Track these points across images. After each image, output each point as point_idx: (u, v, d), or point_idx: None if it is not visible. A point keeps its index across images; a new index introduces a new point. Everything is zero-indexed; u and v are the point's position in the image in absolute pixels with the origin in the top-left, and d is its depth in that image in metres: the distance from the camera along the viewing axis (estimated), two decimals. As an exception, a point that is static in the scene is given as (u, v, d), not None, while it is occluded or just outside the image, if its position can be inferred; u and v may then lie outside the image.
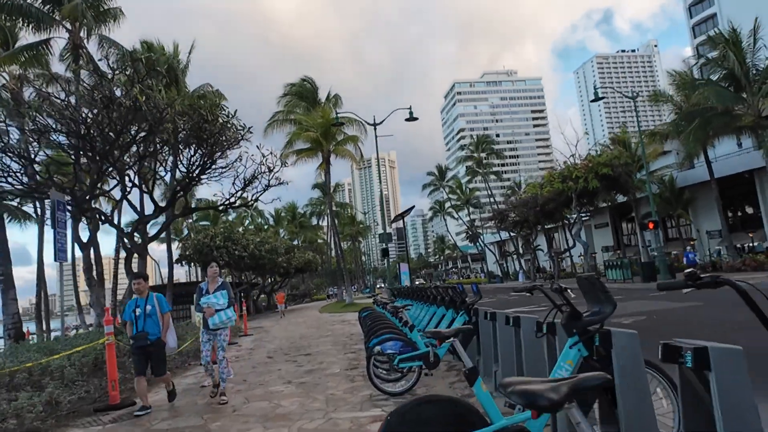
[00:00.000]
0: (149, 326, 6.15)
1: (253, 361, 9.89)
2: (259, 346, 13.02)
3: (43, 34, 19.46)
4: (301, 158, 33.72)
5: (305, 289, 74.93)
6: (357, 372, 7.45)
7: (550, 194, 34.86)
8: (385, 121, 27.62)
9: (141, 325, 6.14)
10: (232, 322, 6.65)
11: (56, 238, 9.82)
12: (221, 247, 31.35)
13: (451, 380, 6.18)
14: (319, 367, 8.28)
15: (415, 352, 5.71)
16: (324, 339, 12.97)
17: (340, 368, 7.96)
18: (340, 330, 15.23)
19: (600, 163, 31.25)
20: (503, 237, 65.04)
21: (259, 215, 70.88)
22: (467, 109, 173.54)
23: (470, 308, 5.88)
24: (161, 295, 6.58)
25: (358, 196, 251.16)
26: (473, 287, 5.96)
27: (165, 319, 6.31)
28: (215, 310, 6.43)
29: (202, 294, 6.62)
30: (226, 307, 6.50)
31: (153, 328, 6.16)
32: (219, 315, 6.44)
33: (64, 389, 6.48)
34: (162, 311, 6.30)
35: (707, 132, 26.27)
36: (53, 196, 9.87)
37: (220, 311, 6.48)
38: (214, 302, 6.49)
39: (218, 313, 6.44)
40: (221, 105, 12.91)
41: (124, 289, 14.80)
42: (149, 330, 6.13)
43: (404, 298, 12.13)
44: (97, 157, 12.34)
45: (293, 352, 10.91)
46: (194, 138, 12.31)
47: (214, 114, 11.51)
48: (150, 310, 6.20)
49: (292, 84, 35.81)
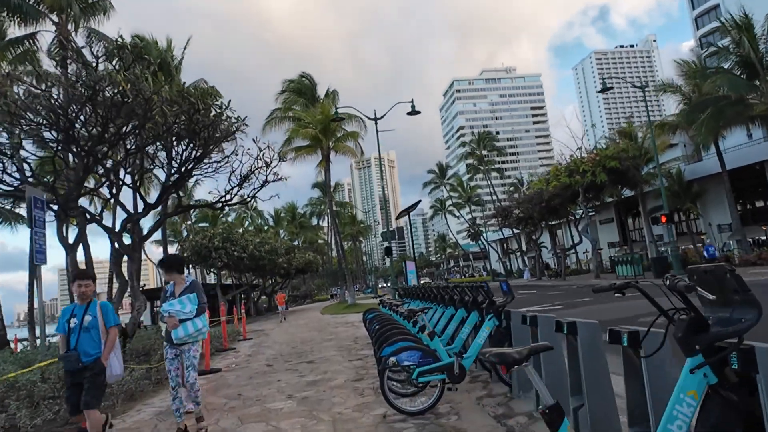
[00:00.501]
0: (85, 344, 4.52)
1: (250, 370, 9.04)
2: (258, 352, 12.18)
3: (30, 27, 18.68)
4: (300, 155, 32.88)
5: (306, 290, 74.08)
6: (366, 383, 6.59)
7: (555, 189, 34.00)
8: (386, 116, 26.78)
9: (74, 341, 4.52)
10: (202, 335, 5.16)
11: (33, 239, 8.98)
12: (220, 248, 30.48)
13: (477, 394, 5.32)
14: (323, 377, 7.43)
15: (437, 364, 4.87)
16: (327, 343, 12.12)
17: (346, 378, 7.11)
18: (344, 333, 14.39)
19: (607, 156, 30.39)
20: (506, 235, 64.20)
21: (259, 216, 70.15)
22: (466, 106, 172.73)
23: (500, 310, 5.02)
24: (108, 303, 4.96)
25: (358, 196, 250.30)
26: (502, 285, 5.10)
27: (110, 335, 4.66)
28: (179, 321, 4.98)
29: (166, 298, 5.21)
30: (194, 316, 5.04)
31: (90, 347, 4.53)
32: (184, 327, 4.96)
33: (31, 410, 5.64)
34: (107, 324, 4.67)
35: (720, 122, 25.42)
36: (29, 192, 9.01)
37: (186, 321, 4.99)
38: (177, 310, 4.98)
39: (183, 324, 4.96)
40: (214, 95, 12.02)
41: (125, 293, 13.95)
42: (85, 349, 4.50)
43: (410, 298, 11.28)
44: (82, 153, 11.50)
45: (294, 358, 10.07)
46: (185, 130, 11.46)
47: (206, 103, 10.68)
48: (89, 322, 4.57)
49: (290, 80, 34.96)
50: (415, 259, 29.92)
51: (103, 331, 4.63)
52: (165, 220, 13.70)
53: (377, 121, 25.55)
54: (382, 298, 12.77)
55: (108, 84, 10.02)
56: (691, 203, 37.42)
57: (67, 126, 10.64)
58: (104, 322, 4.65)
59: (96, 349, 4.56)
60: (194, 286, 5.22)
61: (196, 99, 10.34)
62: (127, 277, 12.52)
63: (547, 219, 41.98)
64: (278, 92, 34.48)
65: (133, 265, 12.46)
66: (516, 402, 4.81)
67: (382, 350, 5.55)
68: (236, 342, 15.83)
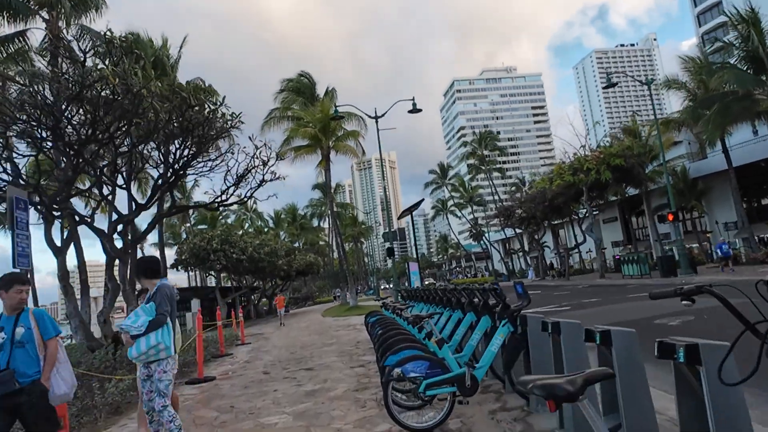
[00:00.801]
0: (20, 362, 3.68)
1: (246, 378, 8.55)
2: (256, 358, 11.70)
3: (20, 24, 18.23)
4: (299, 155, 32.38)
5: (308, 292, 73.62)
6: (368, 394, 6.11)
7: (559, 188, 33.54)
8: (386, 114, 26.31)
9: (4, 360, 3.65)
10: (161, 353, 4.17)
11: (16, 242, 8.49)
12: (218, 250, 30.03)
13: (490, 407, 4.84)
14: (323, 386, 6.95)
15: (447, 375, 4.38)
16: (328, 348, 11.64)
17: (347, 388, 6.63)
18: (346, 337, 13.90)
19: (612, 154, 29.92)
20: (508, 235, 63.69)
21: (259, 218, 69.79)
22: (467, 106, 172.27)
23: (515, 315, 4.53)
24: (43, 310, 4.08)
25: (359, 198, 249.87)
26: (517, 287, 4.60)
27: (49, 349, 3.79)
28: (131, 337, 4.12)
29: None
30: (146, 330, 4.12)
31: (26, 365, 3.70)
32: (138, 343, 4.09)
33: None
34: (45, 336, 3.80)
35: (727, 118, 24.94)
36: (10, 193, 8.52)
37: (140, 337, 4.11)
38: (128, 325, 4.13)
39: (137, 340, 4.10)
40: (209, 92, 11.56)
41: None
42: (19, 368, 3.66)
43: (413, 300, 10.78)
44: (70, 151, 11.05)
45: (293, 365, 9.58)
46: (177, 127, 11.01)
47: (198, 99, 10.22)
48: (22, 335, 3.72)
49: (289, 80, 34.47)
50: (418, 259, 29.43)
51: (41, 345, 3.79)
52: (159, 221, 13.23)
53: (378, 119, 25.08)
54: (385, 300, 12.28)
55: (96, 80, 9.56)
56: (696, 201, 36.95)
57: (54, 123, 10.19)
58: (41, 333, 3.79)
59: (34, 367, 3.73)
60: (157, 293, 4.29)
61: (187, 94, 9.87)
62: (119, 281, 12.06)
63: (550, 218, 41.53)
64: (277, 91, 34.02)
65: (125, 268, 12.00)
66: (535, 417, 4.33)
67: (385, 359, 5.07)
68: (234, 347, 15.37)
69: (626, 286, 21.89)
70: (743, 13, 24.96)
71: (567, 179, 30.88)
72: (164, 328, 4.23)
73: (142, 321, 4.14)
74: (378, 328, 7.87)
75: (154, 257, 5.04)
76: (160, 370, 4.22)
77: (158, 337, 4.18)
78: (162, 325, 4.21)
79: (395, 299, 18.28)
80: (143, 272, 4.57)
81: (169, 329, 4.29)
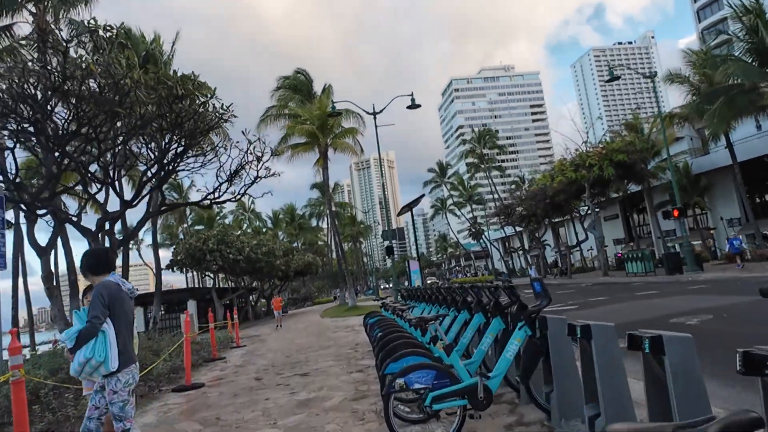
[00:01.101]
0: None
1: (237, 385, 8.00)
2: (249, 362, 11.14)
3: (7, 19, 17.69)
4: (297, 153, 31.81)
5: (306, 293, 73.03)
6: (367, 404, 5.56)
7: (560, 185, 33.00)
8: (385, 110, 25.78)
9: None
10: (106, 366, 3.37)
11: (-11, 241, 7.94)
12: (214, 250, 29.49)
13: (505, 421, 4.30)
14: (318, 395, 6.39)
15: (457, 386, 3.83)
16: (325, 351, 11.09)
17: (344, 396, 6.08)
18: (344, 339, 13.35)
19: (615, 150, 29.38)
20: (508, 233, 63.15)
21: (257, 218, 69.24)
22: (465, 105, 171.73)
23: (534, 317, 3.98)
24: None
25: (357, 198, 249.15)
26: (535, 285, 4.06)
27: None
28: (69, 350, 3.43)
29: None
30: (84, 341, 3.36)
31: None
32: (77, 358, 3.36)
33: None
34: None
35: (732, 111, 24.42)
36: (-17, 188, 7.99)
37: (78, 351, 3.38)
38: (64, 339, 3.46)
39: (76, 354, 3.37)
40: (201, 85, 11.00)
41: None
42: None
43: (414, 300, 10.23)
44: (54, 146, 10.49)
45: (287, 369, 9.03)
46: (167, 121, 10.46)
47: (186, 89, 9.67)
48: None
49: (285, 77, 33.89)
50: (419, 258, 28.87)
51: None
52: (147, 219, 12.69)
53: (376, 115, 24.55)
54: (385, 300, 11.73)
55: (76, 68, 9.01)
56: (698, 197, 36.45)
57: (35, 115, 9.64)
58: None
59: None
60: (93, 297, 3.45)
61: (174, 83, 9.31)
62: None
63: (551, 216, 40.98)
64: (273, 89, 33.44)
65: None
66: (558, 434, 3.79)
67: (386, 367, 4.52)
68: (228, 350, 14.81)
69: (631, 284, 21.38)
70: (748, 4, 24.46)
71: (569, 175, 30.34)
72: (99, 338, 3.36)
73: (74, 330, 3.39)
74: (377, 330, 7.33)
75: (103, 248, 4.15)
76: (110, 390, 3.44)
77: (88, 351, 3.31)
78: (93, 335, 3.33)
79: (395, 299, 17.74)
80: (87, 266, 3.73)
81: (106, 340, 3.39)
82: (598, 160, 29.00)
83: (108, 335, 3.41)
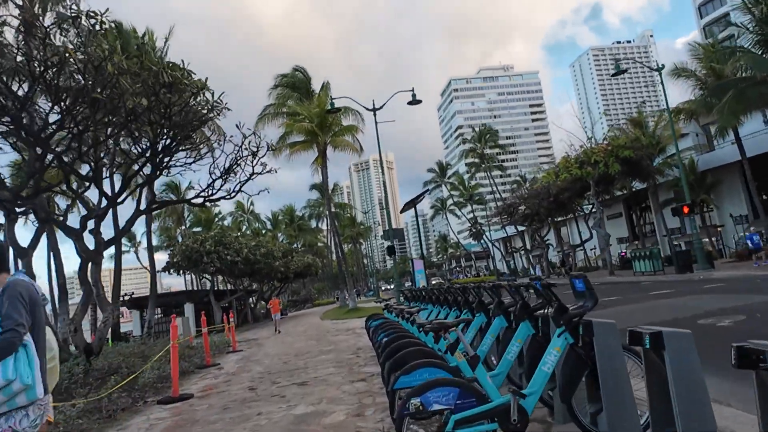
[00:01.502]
0: None
1: (228, 397, 7.30)
2: (244, 369, 10.45)
3: (-8, 13, 17.00)
4: (296, 151, 31.14)
5: (306, 294, 72.41)
6: (372, 421, 4.87)
7: (564, 183, 32.33)
8: (385, 106, 25.14)
9: None
10: (29, 393, 2.38)
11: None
12: (212, 252, 28.81)
13: (539, 446, 3.61)
14: (316, 409, 5.71)
15: (485, 407, 3.15)
16: (325, 357, 10.40)
17: (345, 412, 5.38)
18: (345, 343, 12.67)
19: (620, 146, 28.72)
20: (509, 233, 62.50)
21: (256, 219, 68.60)
22: (464, 105, 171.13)
23: (577, 322, 3.28)
24: None
25: (357, 199, 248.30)
26: (576, 284, 3.37)
27: None
28: None
29: None
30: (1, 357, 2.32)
31: None
32: None
33: None
34: None
35: (742, 105, 23.77)
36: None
37: None
38: None
39: None
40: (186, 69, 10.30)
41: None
42: None
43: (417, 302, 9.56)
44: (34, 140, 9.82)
45: (284, 378, 8.34)
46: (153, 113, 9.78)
47: (173, 76, 9.02)
48: None
49: (283, 75, 33.22)
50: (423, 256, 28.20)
51: None
52: (137, 217, 12.02)
53: (376, 111, 23.90)
54: (388, 302, 11.05)
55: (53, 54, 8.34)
56: (705, 195, 35.78)
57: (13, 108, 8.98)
58: None
59: None
60: (4, 296, 2.42)
61: (159, 69, 8.64)
62: (92, 285, 10.82)
63: (554, 215, 40.34)
64: (271, 87, 32.79)
65: (98, 270, 10.76)
66: (608, 464, 3.11)
67: (395, 380, 3.84)
68: (224, 355, 14.13)
69: (640, 283, 20.71)
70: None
71: (574, 172, 29.66)
72: (19, 354, 2.37)
73: None
74: (381, 334, 6.66)
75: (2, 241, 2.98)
76: (15, 422, 2.36)
77: (6, 371, 2.31)
78: (14, 348, 2.33)
79: (397, 300, 17.07)
80: None
81: (29, 356, 2.40)
82: (603, 156, 28.33)
83: (30, 350, 2.41)
